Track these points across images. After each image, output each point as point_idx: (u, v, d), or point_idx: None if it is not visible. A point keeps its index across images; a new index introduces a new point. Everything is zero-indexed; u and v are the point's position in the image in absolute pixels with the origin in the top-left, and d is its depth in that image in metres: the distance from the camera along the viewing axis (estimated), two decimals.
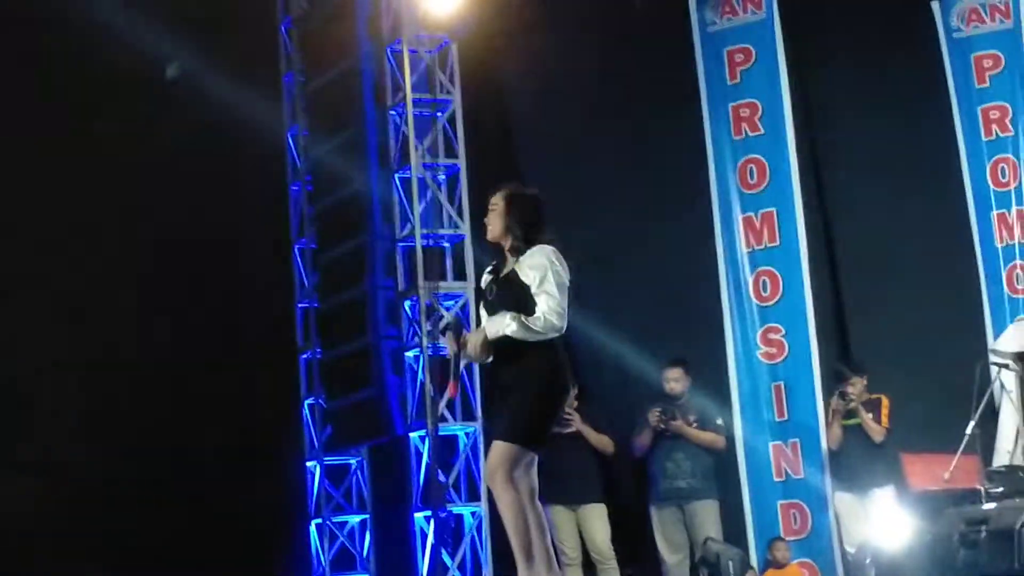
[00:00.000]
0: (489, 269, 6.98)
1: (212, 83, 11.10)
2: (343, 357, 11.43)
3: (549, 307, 6.57)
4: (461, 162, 10.80)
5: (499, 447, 6.64)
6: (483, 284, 6.95)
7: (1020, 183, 12.20)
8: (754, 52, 11.97)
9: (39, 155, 11.17)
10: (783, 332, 11.73)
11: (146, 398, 11.26)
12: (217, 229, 11.38)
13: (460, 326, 6.99)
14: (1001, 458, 11.07)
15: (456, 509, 10.39)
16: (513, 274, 6.72)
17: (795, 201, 11.84)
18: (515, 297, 6.65)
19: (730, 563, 10.25)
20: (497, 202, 6.86)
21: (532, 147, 11.87)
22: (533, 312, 6.59)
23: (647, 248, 11.94)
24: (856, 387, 10.93)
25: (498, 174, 11.29)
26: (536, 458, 6.69)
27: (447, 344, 6.86)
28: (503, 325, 6.62)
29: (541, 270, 6.62)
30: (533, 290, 6.59)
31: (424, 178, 10.72)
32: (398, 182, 10.85)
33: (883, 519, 10.46)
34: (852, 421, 10.95)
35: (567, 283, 6.67)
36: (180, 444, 11.25)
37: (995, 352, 11.54)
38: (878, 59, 12.08)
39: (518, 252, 6.73)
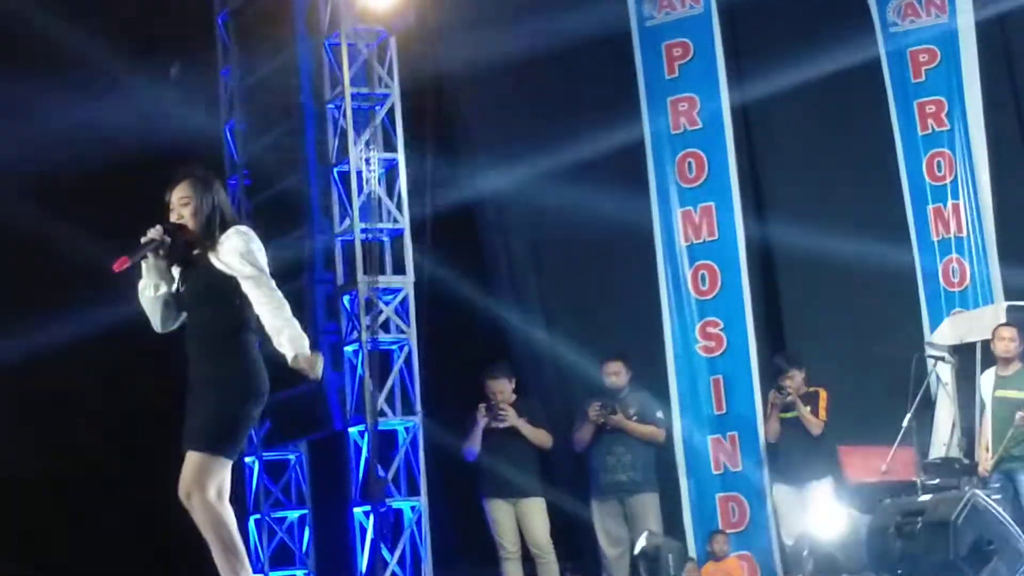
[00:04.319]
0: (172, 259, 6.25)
1: (148, 76, 11.00)
2: None
3: (270, 286, 6.04)
4: (400, 156, 10.75)
5: (195, 459, 6.13)
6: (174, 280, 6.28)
7: (956, 177, 12.30)
8: (692, 46, 12.00)
9: None
10: (721, 326, 11.78)
11: (79, 392, 11.15)
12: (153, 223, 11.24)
13: (177, 230, 6.16)
14: (937, 450, 11.17)
15: (395, 504, 10.35)
16: (208, 264, 6.12)
17: (733, 195, 11.89)
18: (212, 288, 6.11)
19: (670, 556, 10.27)
20: (188, 196, 6.25)
21: (470, 140, 11.86)
22: (232, 302, 6.08)
23: (585, 241, 11.95)
24: (794, 380, 10.96)
25: (436, 168, 11.35)
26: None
27: (155, 232, 6.13)
28: (292, 331, 6.16)
29: (244, 253, 6.05)
30: (242, 276, 6.03)
31: (363, 172, 10.67)
32: (336, 176, 10.80)
33: (820, 511, 10.52)
34: (790, 414, 10.98)
35: (265, 265, 6.10)
36: (113, 440, 11.14)
37: (931, 345, 11.64)
38: (815, 53, 12.12)
39: (214, 241, 6.13)
